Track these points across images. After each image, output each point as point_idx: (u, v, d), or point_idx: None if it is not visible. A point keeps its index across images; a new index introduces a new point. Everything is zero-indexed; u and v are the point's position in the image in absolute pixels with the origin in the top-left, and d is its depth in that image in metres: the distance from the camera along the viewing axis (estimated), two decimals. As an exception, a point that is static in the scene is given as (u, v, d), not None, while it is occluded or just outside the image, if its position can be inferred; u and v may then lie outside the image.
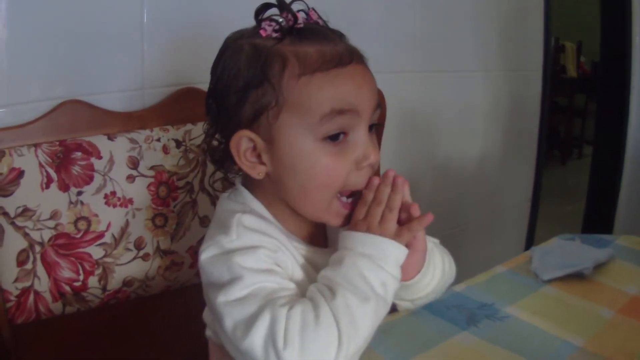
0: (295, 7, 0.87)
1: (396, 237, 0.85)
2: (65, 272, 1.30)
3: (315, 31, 0.87)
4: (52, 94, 1.36)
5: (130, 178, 1.37)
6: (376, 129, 0.91)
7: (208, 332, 0.99)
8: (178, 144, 1.44)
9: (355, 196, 0.89)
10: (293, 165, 0.85)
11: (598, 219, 3.15)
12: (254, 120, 0.85)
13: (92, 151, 1.32)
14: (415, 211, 0.88)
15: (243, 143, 0.86)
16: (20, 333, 1.29)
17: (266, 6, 0.88)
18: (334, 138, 0.84)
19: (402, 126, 2.20)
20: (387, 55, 2.08)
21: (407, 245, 0.86)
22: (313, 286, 0.81)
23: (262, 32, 0.86)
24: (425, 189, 2.41)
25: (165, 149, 1.42)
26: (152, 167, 1.40)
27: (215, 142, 0.94)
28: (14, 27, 1.30)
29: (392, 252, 0.83)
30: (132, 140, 1.38)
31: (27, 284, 1.27)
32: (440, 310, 1.09)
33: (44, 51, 1.35)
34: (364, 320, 0.77)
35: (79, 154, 1.31)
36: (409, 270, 0.91)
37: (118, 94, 1.45)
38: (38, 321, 1.31)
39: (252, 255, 0.80)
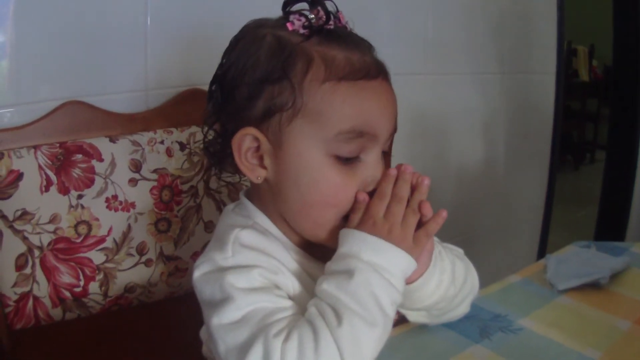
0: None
1: (415, 243, 0.79)
2: (65, 277, 1.28)
3: (345, 36, 0.82)
4: (55, 94, 1.35)
5: (133, 181, 1.35)
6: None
7: (204, 350, 0.95)
8: (182, 146, 1.42)
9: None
10: (297, 177, 0.80)
11: (611, 225, 3.12)
12: (263, 119, 0.79)
13: (93, 153, 1.31)
14: (428, 210, 0.80)
15: (246, 141, 0.81)
16: (19, 339, 1.27)
17: None
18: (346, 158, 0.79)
19: (413, 129, 2.18)
20: (399, 57, 2.03)
21: None
22: (314, 305, 0.74)
23: (289, 25, 0.79)
24: (436, 193, 2.37)
25: (168, 152, 1.40)
26: (155, 170, 1.38)
27: (212, 135, 0.88)
28: (19, 30, 1.30)
29: (402, 265, 0.77)
30: (135, 143, 1.36)
31: (26, 289, 1.26)
32: (452, 321, 1.05)
33: (46, 53, 1.34)
34: (369, 346, 0.71)
35: (79, 156, 1.29)
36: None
37: (121, 95, 1.44)
38: (37, 327, 1.30)
39: (245, 274, 0.75)
